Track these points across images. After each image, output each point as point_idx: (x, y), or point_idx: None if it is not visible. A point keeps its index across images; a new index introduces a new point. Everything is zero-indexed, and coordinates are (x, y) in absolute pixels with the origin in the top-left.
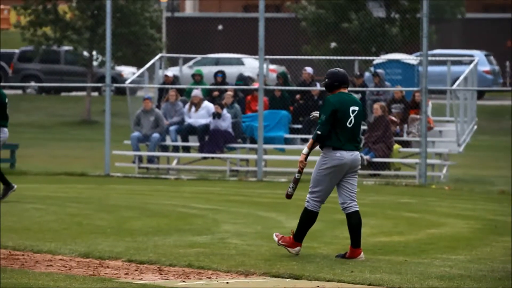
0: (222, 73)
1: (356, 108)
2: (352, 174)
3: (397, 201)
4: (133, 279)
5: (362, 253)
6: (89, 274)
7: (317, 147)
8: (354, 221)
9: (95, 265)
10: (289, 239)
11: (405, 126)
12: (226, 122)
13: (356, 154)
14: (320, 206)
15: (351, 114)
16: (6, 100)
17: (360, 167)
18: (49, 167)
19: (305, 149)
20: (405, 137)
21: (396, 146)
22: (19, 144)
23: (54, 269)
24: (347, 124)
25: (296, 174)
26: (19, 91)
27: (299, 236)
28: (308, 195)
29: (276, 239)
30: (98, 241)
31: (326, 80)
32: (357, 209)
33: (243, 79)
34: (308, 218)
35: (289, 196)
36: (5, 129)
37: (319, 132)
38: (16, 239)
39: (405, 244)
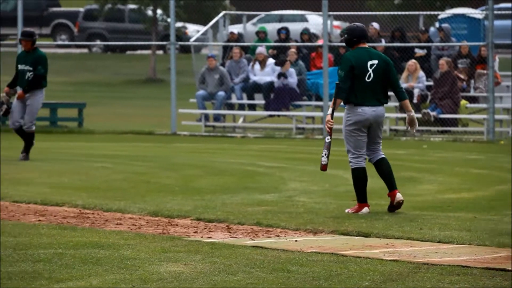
0: (286, 29)
1: (375, 62)
2: (376, 132)
3: (465, 158)
4: (202, 237)
5: (398, 194)
6: (159, 233)
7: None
8: (383, 167)
9: (164, 223)
10: (356, 206)
11: (472, 81)
12: (293, 79)
13: (380, 110)
14: (364, 160)
15: (369, 69)
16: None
17: (383, 121)
18: (116, 126)
19: (329, 109)
20: (472, 93)
21: (463, 102)
22: (86, 103)
23: (124, 227)
24: (366, 79)
25: (327, 138)
26: (85, 50)
27: (360, 197)
28: (348, 155)
29: (346, 211)
30: (167, 200)
31: (346, 35)
32: (383, 155)
33: (307, 30)
34: (357, 177)
35: (324, 168)
36: (43, 90)
37: (340, 86)
38: (86, 198)
39: (474, 200)
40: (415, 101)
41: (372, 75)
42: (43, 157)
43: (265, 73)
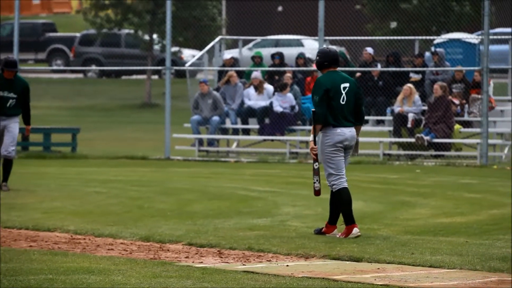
0: (280, 55)
1: (347, 85)
2: (348, 154)
3: (458, 182)
4: (193, 262)
5: (336, 230)
6: (150, 258)
7: None
8: (339, 198)
9: (156, 248)
10: (345, 229)
11: (466, 106)
12: (293, 104)
13: (354, 131)
14: (345, 180)
15: (342, 91)
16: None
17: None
18: (110, 151)
19: (310, 136)
20: (466, 117)
21: (457, 126)
22: (81, 128)
23: (115, 253)
24: (340, 101)
25: (314, 164)
26: (80, 75)
27: (348, 218)
28: (328, 180)
29: (337, 236)
30: (159, 224)
31: (317, 58)
32: (346, 185)
33: (302, 55)
34: (343, 198)
35: (318, 193)
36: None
37: (316, 112)
38: (78, 223)
39: (466, 225)
40: (409, 125)
41: (345, 98)
42: (36, 182)
43: (260, 98)
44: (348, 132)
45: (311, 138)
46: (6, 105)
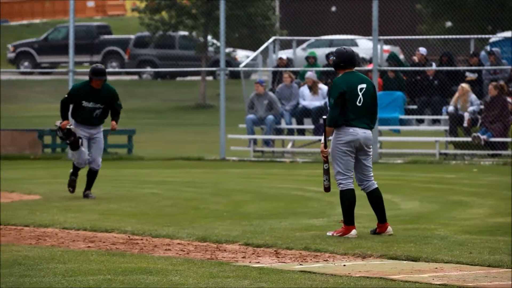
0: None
1: (364, 86)
2: (366, 155)
3: None
4: (250, 262)
5: (389, 227)
6: (207, 258)
7: None
8: (375, 199)
9: (213, 249)
10: (342, 228)
11: None
12: None
13: (369, 133)
14: (352, 182)
15: (359, 93)
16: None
17: (372, 146)
18: (165, 152)
19: (322, 138)
20: None
21: None
22: (136, 130)
23: (173, 253)
24: (357, 103)
25: (324, 165)
26: (135, 77)
27: (348, 219)
28: (336, 178)
29: (330, 234)
30: (215, 225)
31: (334, 58)
32: (376, 186)
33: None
34: (348, 199)
35: (327, 189)
36: None
37: (329, 116)
38: (135, 224)
39: None
40: (465, 124)
41: (362, 99)
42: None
43: (314, 98)
44: (361, 132)
45: (322, 140)
46: (93, 115)
